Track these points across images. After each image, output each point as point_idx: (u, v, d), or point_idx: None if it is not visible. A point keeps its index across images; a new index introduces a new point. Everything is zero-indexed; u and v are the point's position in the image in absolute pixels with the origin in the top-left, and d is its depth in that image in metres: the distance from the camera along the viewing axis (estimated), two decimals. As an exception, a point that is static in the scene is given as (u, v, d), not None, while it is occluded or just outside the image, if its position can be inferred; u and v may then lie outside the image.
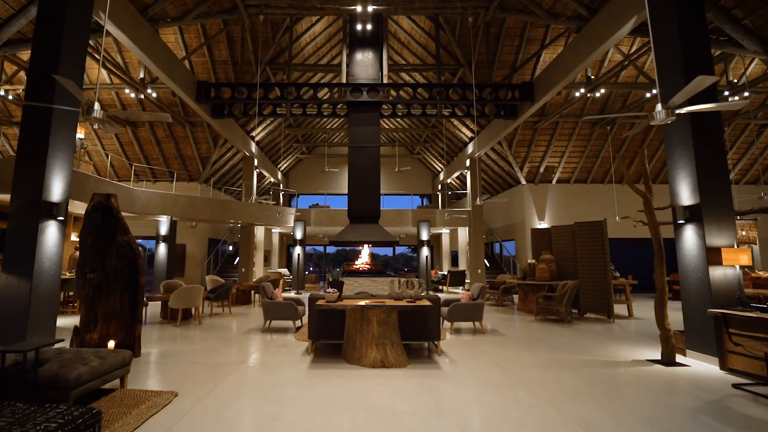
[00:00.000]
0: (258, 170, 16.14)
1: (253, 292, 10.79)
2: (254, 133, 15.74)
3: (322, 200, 21.03)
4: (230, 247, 19.34)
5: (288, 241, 22.91)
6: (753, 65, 11.00)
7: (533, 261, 10.03)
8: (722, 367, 4.64)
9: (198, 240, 15.26)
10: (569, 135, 14.07)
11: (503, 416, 3.26)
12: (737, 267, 5.01)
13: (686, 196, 5.39)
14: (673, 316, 8.94)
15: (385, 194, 22.39)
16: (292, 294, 14.35)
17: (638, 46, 11.21)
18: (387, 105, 11.37)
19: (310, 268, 34.35)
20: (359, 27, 10.15)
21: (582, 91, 10.91)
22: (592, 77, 11.17)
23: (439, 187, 21.16)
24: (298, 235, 15.18)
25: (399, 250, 26.83)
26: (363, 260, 10.27)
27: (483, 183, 17.69)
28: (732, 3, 8.03)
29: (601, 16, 7.99)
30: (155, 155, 14.95)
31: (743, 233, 13.50)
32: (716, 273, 4.94)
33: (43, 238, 5.32)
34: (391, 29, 13.52)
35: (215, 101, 10.48)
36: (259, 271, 17.11)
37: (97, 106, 3.71)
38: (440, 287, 15.89)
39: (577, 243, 9.43)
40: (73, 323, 6.66)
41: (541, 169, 14.99)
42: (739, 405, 3.54)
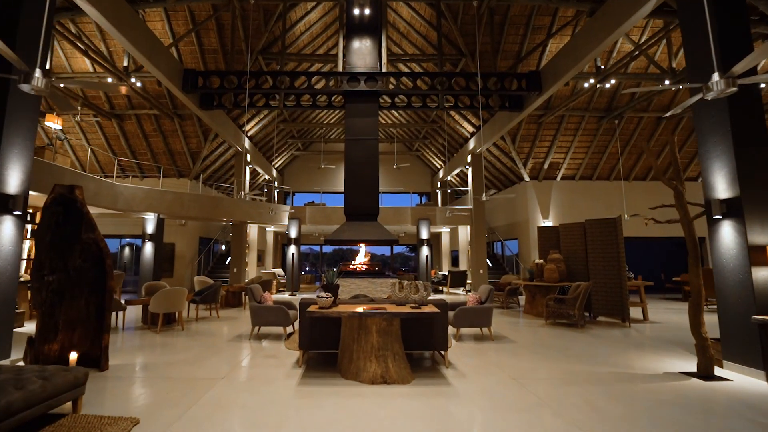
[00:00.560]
0: (251, 166, 15.49)
1: (244, 294, 10.16)
2: (247, 127, 15.09)
3: (318, 199, 20.39)
4: (223, 247, 18.68)
5: (283, 241, 22.25)
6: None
7: (541, 261, 9.46)
8: (770, 381, 4.08)
9: (188, 239, 14.60)
10: (575, 129, 13.53)
11: (533, 451, 2.67)
12: (782, 268, 4.45)
13: (722, 188, 4.83)
14: (683, 318, 8.40)
15: (383, 192, 21.79)
16: (287, 296, 13.73)
17: (648, 36, 10.69)
18: (386, 96, 10.76)
19: (307, 268, 33.73)
20: (356, 12, 9.54)
21: (591, 81, 10.34)
22: (602, 67, 10.62)
23: (439, 184, 20.58)
24: (293, 233, 14.55)
25: (396, 249, 26.24)
26: (360, 260, 9.67)
27: (485, 181, 17.12)
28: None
29: (616, -3, 7.42)
30: (142, 150, 14.27)
31: None
32: (760, 275, 4.37)
33: (-3, 235, 4.68)
34: (389, 19, 12.92)
35: (203, 90, 9.83)
36: (252, 272, 16.47)
37: (38, 74, 3.06)
38: (440, 288, 15.32)
39: (588, 242, 8.87)
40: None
41: (545, 166, 14.44)
42: (810, 433, 2.97)
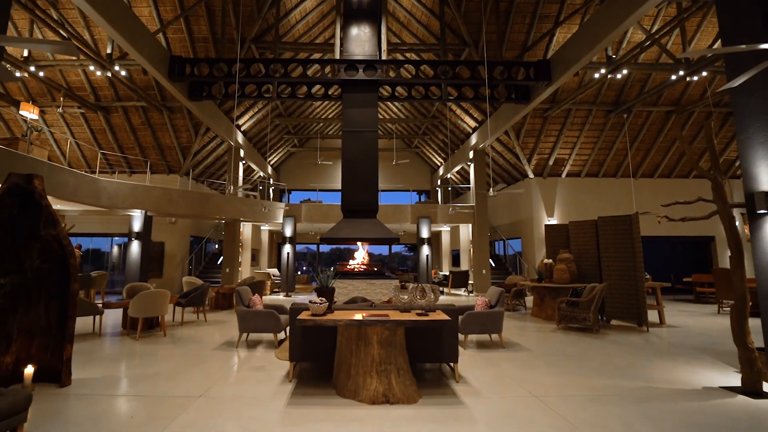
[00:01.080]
0: (244, 162, 14.89)
1: (234, 295, 9.56)
2: (240, 121, 14.49)
3: (314, 197, 19.80)
4: (216, 246, 18.07)
5: (278, 239, 21.64)
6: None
7: (550, 261, 8.94)
8: (830, 400, 3.55)
9: (178, 237, 13.99)
10: (581, 124, 13.00)
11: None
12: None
13: (767, 180, 4.29)
14: (702, 322, 7.98)
15: (381, 190, 21.22)
16: (281, 297, 13.16)
17: (660, 25, 10.17)
18: (386, 87, 10.19)
19: (303, 268, 33.11)
20: (355, -4, 8.98)
21: (602, 71, 9.80)
22: (613, 56, 10.09)
23: (439, 182, 20.03)
24: (288, 232, 13.97)
25: (394, 249, 25.72)
26: (358, 260, 9.11)
27: (486, 178, 16.56)
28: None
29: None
30: (130, 144, 13.64)
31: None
32: (815, 277, 3.84)
33: (-57, 231, 4.08)
34: (389, 8, 12.36)
35: (191, 79, 9.23)
36: (246, 272, 15.88)
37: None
38: (441, 289, 14.78)
39: (601, 240, 8.34)
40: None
41: (551, 162, 13.91)
42: None
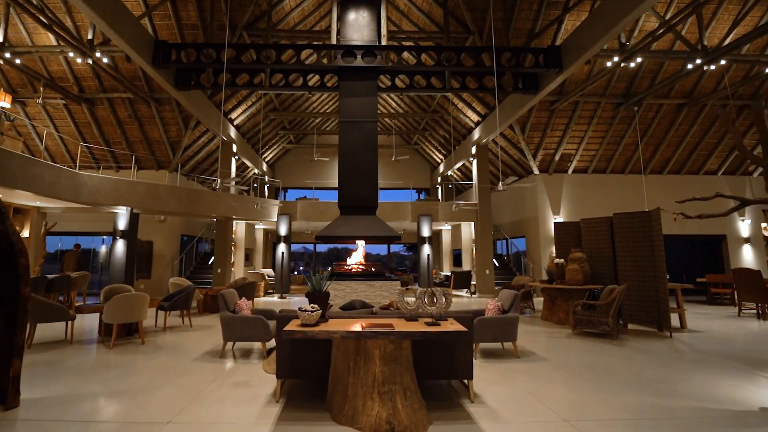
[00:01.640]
0: (237, 158, 14.27)
1: (218, 300, 8.92)
2: (233, 115, 13.87)
3: (311, 195, 19.19)
4: (209, 245, 17.43)
5: (274, 239, 21.01)
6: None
7: (561, 260, 8.37)
8: None
9: (168, 236, 13.36)
10: (589, 117, 12.45)
11: None
12: None
13: (829, 166, 3.72)
14: (724, 326, 7.48)
15: (380, 188, 20.63)
16: (275, 299, 12.56)
17: (674, 12, 9.63)
18: (386, 77, 9.59)
19: (301, 268, 32.48)
20: (352, -23, 8.38)
21: (616, 59, 9.24)
22: (626, 43, 9.54)
23: (439, 179, 19.46)
24: (282, 230, 13.36)
25: (392, 248, 25.14)
26: (356, 259, 8.52)
27: (490, 175, 15.99)
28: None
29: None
30: (117, 138, 12.99)
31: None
32: None
33: None
34: (389, -4, 11.77)
35: (177, 65, 8.62)
36: (239, 272, 15.28)
37: None
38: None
39: (616, 239, 7.78)
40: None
41: (557, 157, 13.36)
42: None
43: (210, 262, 15.06)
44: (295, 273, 25.16)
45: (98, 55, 9.12)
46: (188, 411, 3.32)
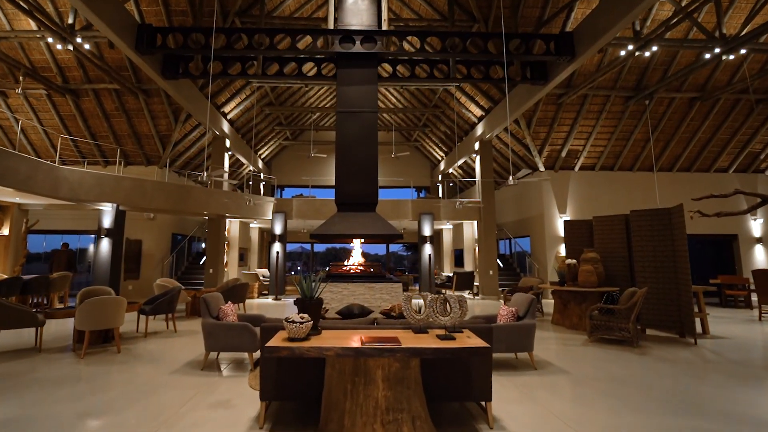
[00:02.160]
0: (231, 154, 13.70)
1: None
2: (226, 109, 13.29)
3: (307, 193, 18.62)
4: (203, 245, 16.83)
5: (269, 238, 20.45)
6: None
7: (573, 261, 7.85)
8: None
9: (158, 235, 12.77)
10: (598, 112, 11.94)
11: None
12: None
13: None
14: (749, 331, 7.06)
15: (379, 186, 20.07)
16: (270, 300, 12.00)
17: (691, -1, 9.13)
18: (386, 66, 9.04)
19: (298, 268, 31.89)
20: (351, -43, 7.82)
21: (630, 47, 8.72)
22: (641, 31, 9.03)
23: (440, 177, 18.94)
24: (277, 229, 12.80)
25: (390, 248, 24.60)
26: (355, 259, 7.98)
27: (494, 174, 15.45)
28: None
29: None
30: (104, 132, 12.40)
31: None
32: None
33: None
34: (389, -17, 11.22)
35: (163, 51, 8.04)
36: (233, 273, 14.71)
37: None
38: (443, 291, 13.69)
39: (634, 238, 7.27)
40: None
41: (563, 154, 12.84)
42: None
43: (201, 262, 14.48)
44: (292, 273, 24.61)
45: (79, 40, 8.54)
46: (153, 441, 2.77)
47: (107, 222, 10.33)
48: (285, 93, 15.60)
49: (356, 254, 8.04)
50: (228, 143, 13.28)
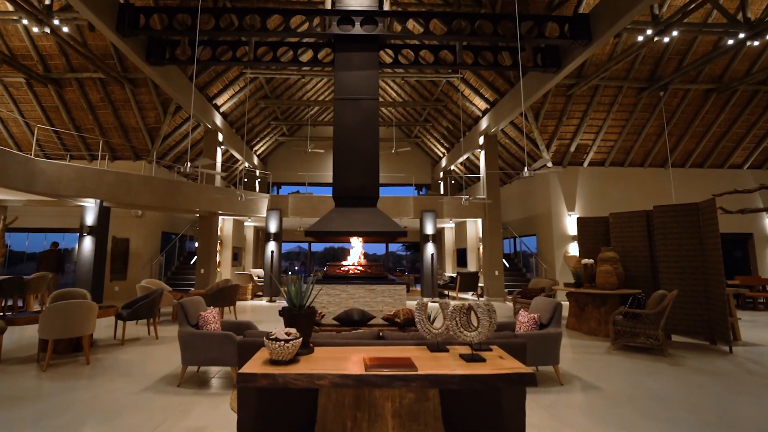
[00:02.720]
0: (223, 148, 13.09)
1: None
2: (219, 101, 12.67)
3: (304, 191, 18.00)
4: (197, 244, 16.19)
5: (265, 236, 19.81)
6: None
7: (590, 261, 7.28)
8: None
9: (146, 233, 12.14)
10: (609, 104, 11.37)
11: None
12: None
13: None
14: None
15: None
16: (264, 302, 11.39)
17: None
18: (388, 50, 8.44)
19: (296, 268, 31.27)
20: (350, -69, 7.22)
21: (649, 32, 8.15)
22: (659, 14, 8.46)
23: (441, 174, 18.35)
24: (272, 227, 12.20)
25: (390, 247, 24.01)
26: (354, 259, 7.39)
27: (499, 169, 14.85)
28: None
29: None
30: (89, 125, 11.76)
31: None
32: None
33: None
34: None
35: (147, 32, 7.42)
36: (226, 273, 14.09)
37: None
38: (446, 292, 13.11)
39: (657, 235, 6.69)
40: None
41: (572, 149, 12.27)
42: None
43: (192, 262, 13.85)
44: (290, 274, 23.96)
45: (57, 22, 7.91)
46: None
47: (90, 219, 9.70)
48: (281, 86, 14.99)
49: (355, 253, 7.44)
50: (221, 137, 12.67)
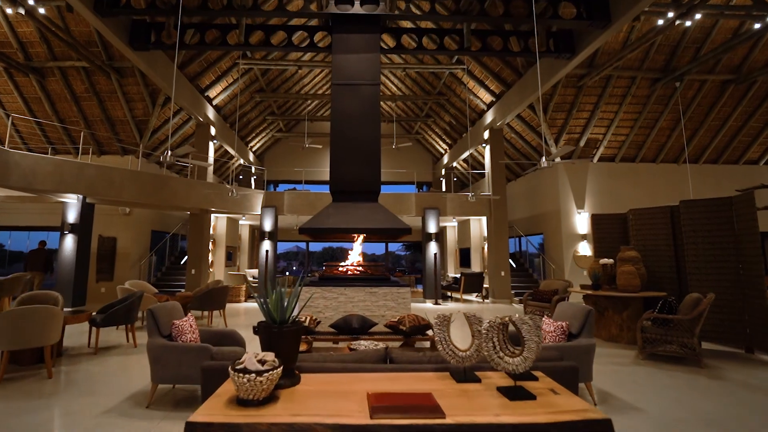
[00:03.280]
0: (216, 143, 12.50)
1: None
2: (212, 93, 12.07)
3: (301, 189, 17.40)
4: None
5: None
6: None
7: (610, 261, 6.72)
8: None
9: (134, 232, 11.54)
10: (622, 96, 10.80)
11: None
12: None
13: None
14: None
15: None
16: (257, 304, 10.79)
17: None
18: (390, 34, 7.86)
19: (294, 268, 30.70)
20: None
21: (670, 15, 7.59)
22: (682, -2, 7.88)
23: (443, 171, 17.78)
24: (267, 225, 11.60)
25: (389, 247, 23.45)
26: (353, 259, 6.82)
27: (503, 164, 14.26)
28: None
29: None
30: (74, 117, 11.15)
31: None
32: None
33: None
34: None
35: (128, 12, 6.83)
36: (219, 274, 13.50)
37: None
38: (449, 293, 12.55)
39: (685, 233, 6.13)
40: None
41: (582, 143, 11.71)
42: None
43: (183, 262, 13.25)
44: (287, 274, 23.37)
45: (32, 2, 7.29)
46: None
47: (72, 216, 9.12)
48: (277, 79, 14.39)
49: (355, 253, 6.87)
50: (213, 131, 12.08)
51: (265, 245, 11.48)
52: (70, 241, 9.02)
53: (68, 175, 8.10)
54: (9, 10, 7.57)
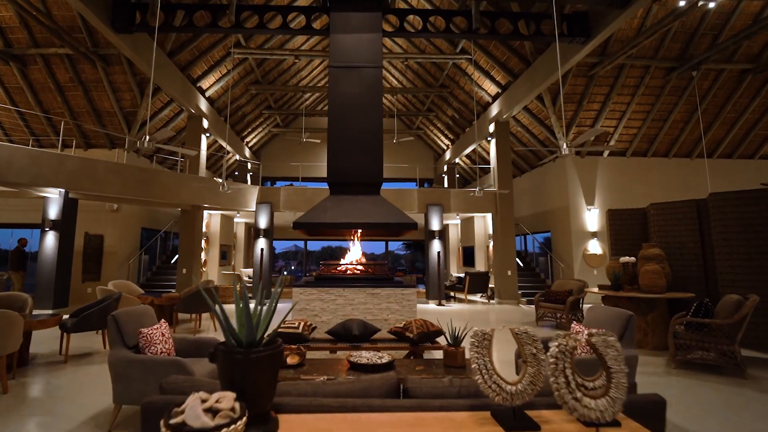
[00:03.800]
0: (209, 136, 11.95)
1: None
2: (204, 84, 11.52)
3: (299, 185, 16.85)
4: (183, 242, 15.02)
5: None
6: None
7: (631, 259, 6.21)
8: None
9: (123, 230, 10.99)
10: (635, 86, 10.30)
11: None
12: None
13: None
14: None
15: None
16: (253, 305, 10.24)
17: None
18: (392, 19, 7.33)
19: (292, 268, 30.13)
20: None
21: (694, -5, 7.07)
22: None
23: (445, 167, 17.26)
24: (262, 223, 11.07)
25: (389, 246, 22.89)
26: (353, 257, 6.29)
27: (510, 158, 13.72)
28: None
29: None
30: (58, 108, 10.59)
31: None
32: None
33: None
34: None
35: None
36: (212, 273, 12.95)
37: None
38: (452, 294, 12.03)
39: (714, 229, 5.62)
40: None
41: (592, 137, 11.18)
42: None
43: (173, 261, 12.70)
44: (284, 273, 22.80)
45: (4, -20, 6.75)
46: None
47: (53, 212, 8.57)
48: (273, 70, 13.84)
49: (355, 251, 6.34)
50: (206, 124, 11.53)
51: (260, 243, 10.95)
52: (51, 239, 8.47)
53: (47, 167, 7.56)
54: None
